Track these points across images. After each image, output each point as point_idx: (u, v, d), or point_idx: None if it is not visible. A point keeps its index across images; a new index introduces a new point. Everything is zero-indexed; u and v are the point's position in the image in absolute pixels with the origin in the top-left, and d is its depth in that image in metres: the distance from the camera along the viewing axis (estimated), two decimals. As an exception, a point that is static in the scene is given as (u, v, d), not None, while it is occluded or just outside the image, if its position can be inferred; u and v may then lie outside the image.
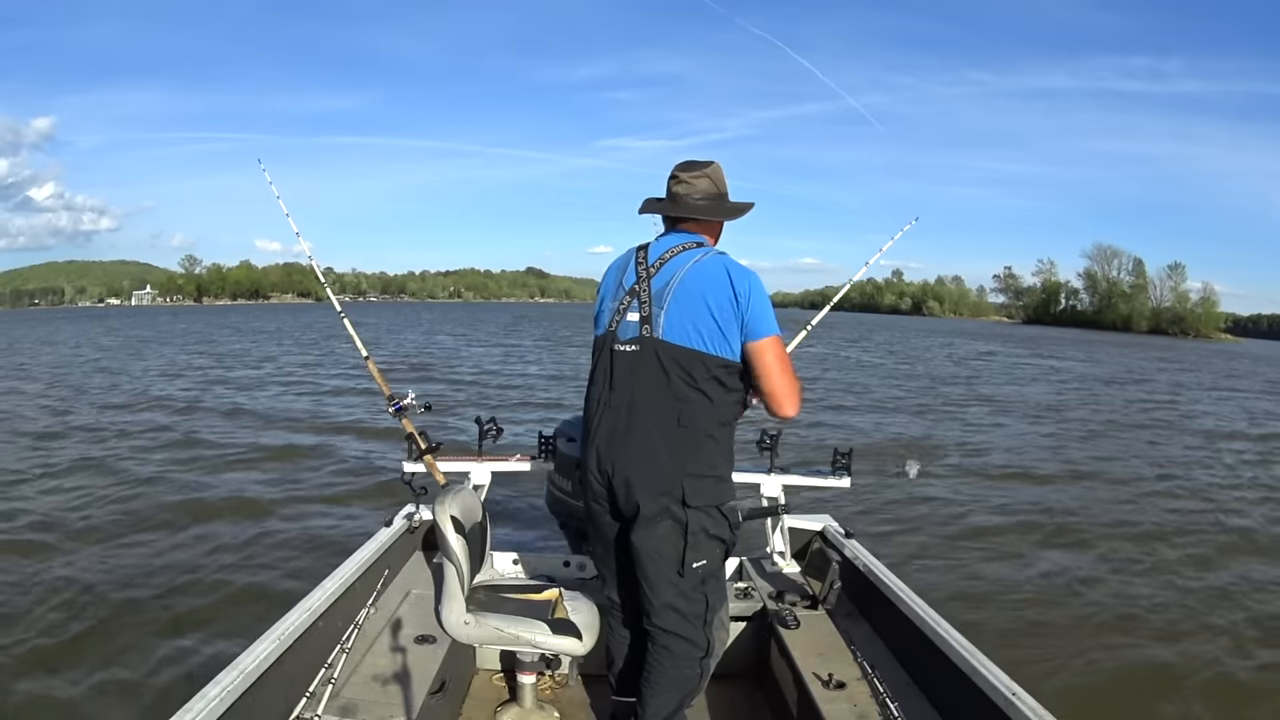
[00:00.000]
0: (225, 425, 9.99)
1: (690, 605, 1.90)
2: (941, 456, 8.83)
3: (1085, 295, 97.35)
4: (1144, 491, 7.74)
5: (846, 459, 2.99)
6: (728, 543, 1.93)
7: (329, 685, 2.05)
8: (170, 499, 6.31)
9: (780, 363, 1.83)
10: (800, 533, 3.14)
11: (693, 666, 1.95)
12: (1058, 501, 7.17)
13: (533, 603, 2.14)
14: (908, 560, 5.10)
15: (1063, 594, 4.85)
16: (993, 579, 5.03)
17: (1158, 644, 4.18)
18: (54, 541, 5.19)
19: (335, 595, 2.35)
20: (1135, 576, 5.21)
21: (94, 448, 8.45)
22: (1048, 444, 10.24)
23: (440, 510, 1.99)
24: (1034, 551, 5.65)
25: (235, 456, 8.06)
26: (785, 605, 2.69)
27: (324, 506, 6.22)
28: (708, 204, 1.94)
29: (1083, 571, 5.26)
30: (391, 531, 2.94)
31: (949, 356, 25.13)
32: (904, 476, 3.04)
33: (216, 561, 4.89)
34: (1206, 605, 4.70)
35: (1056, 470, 8.54)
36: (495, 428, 3.15)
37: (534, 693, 2.33)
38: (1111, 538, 6.05)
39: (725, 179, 1.97)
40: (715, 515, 1.87)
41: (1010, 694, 1.83)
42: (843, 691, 2.18)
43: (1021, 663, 3.48)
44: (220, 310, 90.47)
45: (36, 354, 22.70)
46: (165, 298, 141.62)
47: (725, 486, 1.90)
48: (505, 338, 30.31)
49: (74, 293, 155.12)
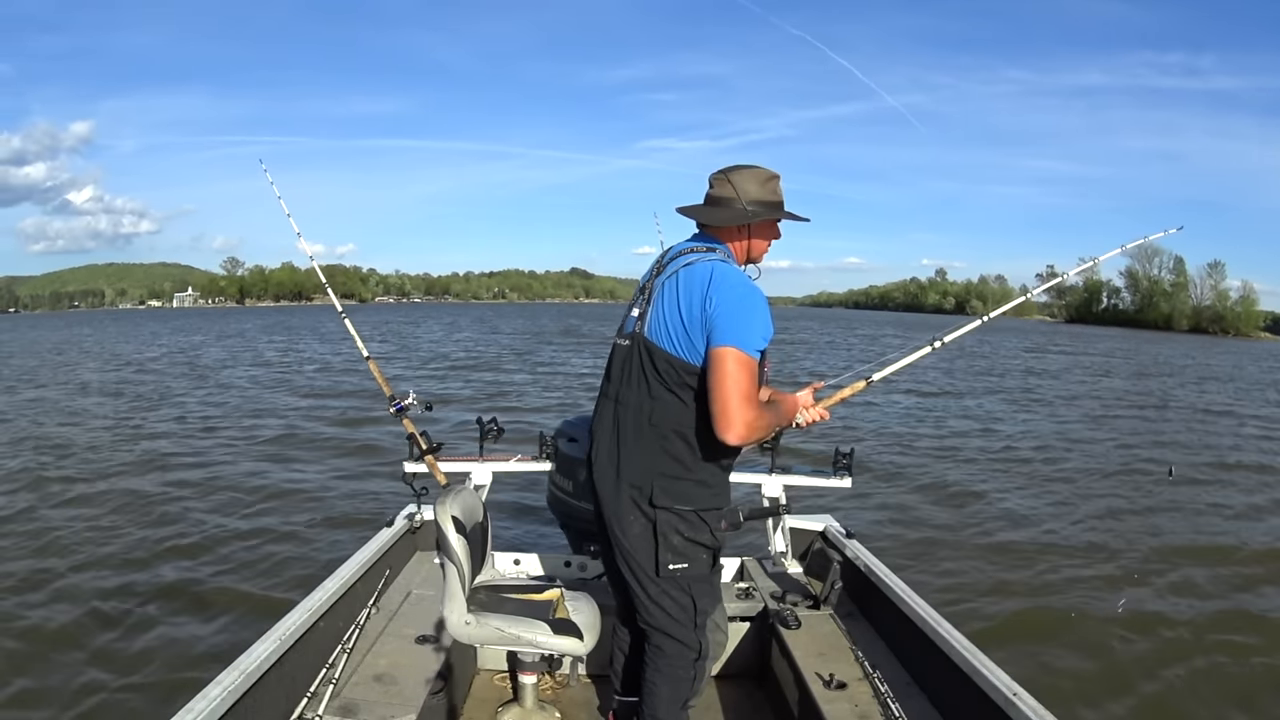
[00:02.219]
0: (243, 420, 10.02)
1: (676, 606, 1.87)
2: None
3: (1127, 294, 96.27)
4: (1163, 489, 7.72)
5: (848, 459, 2.99)
6: (711, 548, 1.86)
7: (330, 685, 2.05)
8: (170, 499, 6.33)
9: (732, 380, 1.65)
10: (801, 533, 3.14)
11: (686, 668, 1.93)
12: (1061, 501, 7.16)
13: (534, 603, 2.14)
14: (909, 561, 5.10)
15: (1065, 594, 4.84)
16: (994, 579, 5.03)
17: (1160, 646, 4.18)
18: (50, 529, 5.21)
19: (336, 595, 2.36)
20: (1138, 577, 5.21)
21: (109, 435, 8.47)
22: (1062, 440, 10.23)
23: (441, 510, 1.99)
24: (1035, 551, 5.64)
25: (238, 452, 8.08)
26: (786, 605, 2.69)
27: (325, 507, 6.22)
28: (707, 209, 1.91)
29: (1085, 571, 5.26)
30: (392, 532, 2.94)
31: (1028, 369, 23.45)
32: (1169, 476, 3.02)
33: (217, 562, 4.89)
34: (1220, 615, 4.68)
35: (1063, 469, 8.53)
36: (496, 428, 3.15)
37: (535, 693, 2.34)
38: (1112, 538, 6.04)
39: (761, 186, 1.86)
40: (691, 519, 1.82)
41: (1011, 694, 1.83)
42: (844, 692, 2.19)
43: (1023, 663, 3.49)
44: (261, 312, 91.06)
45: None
46: (207, 299, 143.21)
47: (704, 491, 1.83)
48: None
49: (114, 295, 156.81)
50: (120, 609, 4.15)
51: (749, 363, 1.68)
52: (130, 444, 8.72)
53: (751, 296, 1.76)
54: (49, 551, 5.02)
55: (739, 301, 1.72)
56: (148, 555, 4.98)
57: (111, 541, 5.24)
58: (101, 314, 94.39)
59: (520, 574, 2.94)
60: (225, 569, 4.77)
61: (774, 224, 1.93)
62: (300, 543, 5.29)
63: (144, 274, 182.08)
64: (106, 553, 5.01)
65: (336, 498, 6.49)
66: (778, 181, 1.90)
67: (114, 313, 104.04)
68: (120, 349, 20.80)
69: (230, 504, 6.22)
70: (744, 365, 1.67)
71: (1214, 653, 4.09)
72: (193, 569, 4.75)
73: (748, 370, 1.67)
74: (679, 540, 1.81)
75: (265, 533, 5.48)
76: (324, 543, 5.25)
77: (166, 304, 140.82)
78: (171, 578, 4.60)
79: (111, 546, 5.14)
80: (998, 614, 4.45)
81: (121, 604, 4.21)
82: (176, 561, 4.88)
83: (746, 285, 1.79)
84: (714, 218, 1.89)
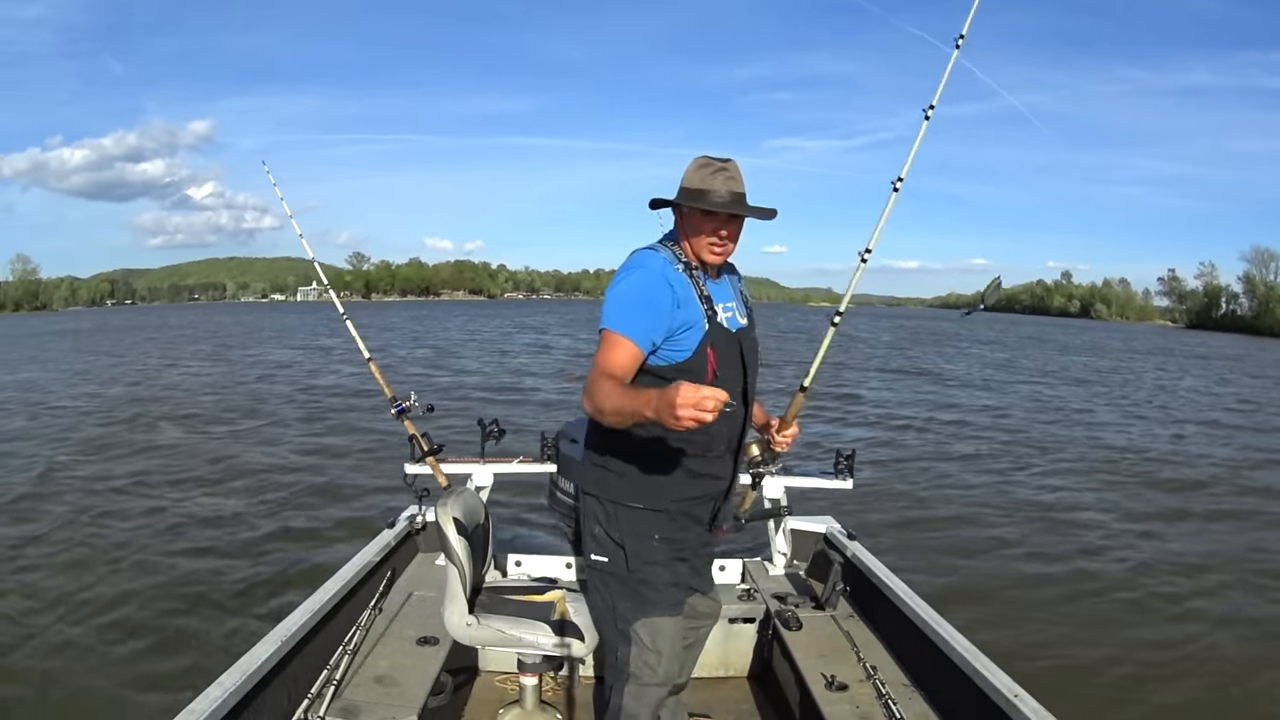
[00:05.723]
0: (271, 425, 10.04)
1: (599, 601, 1.83)
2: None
3: (1244, 299, 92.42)
4: (1167, 485, 7.71)
5: (849, 461, 2.99)
6: (623, 548, 1.77)
7: (331, 686, 2.05)
8: (169, 500, 6.33)
9: (598, 356, 1.66)
10: (803, 535, 3.14)
11: (615, 672, 1.82)
12: (1065, 503, 7.15)
13: (535, 604, 2.15)
14: (911, 562, 5.09)
15: (1068, 595, 4.83)
16: (996, 580, 5.02)
17: (1165, 646, 4.17)
18: (50, 519, 5.22)
19: (338, 597, 2.36)
20: (1144, 579, 5.20)
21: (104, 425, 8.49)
22: (1070, 444, 10.20)
23: (443, 512, 2.00)
24: (1037, 552, 5.63)
25: (246, 449, 8.10)
26: (788, 607, 2.69)
27: (325, 508, 6.22)
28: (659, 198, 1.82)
29: (1088, 572, 5.25)
30: (394, 533, 2.94)
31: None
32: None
33: (216, 562, 4.89)
34: (1220, 617, 4.67)
35: (1072, 469, 8.52)
36: (498, 429, 3.15)
37: (537, 694, 2.33)
38: (1116, 539, 6.03)
39: (693, 173, 1.74)
40: (608, 509, 1.78)
41: (1012, 695, 1.83)
42: (845, 693, 2.19)
43: (1024, 664, 3.48)
44: (392, 306, 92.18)
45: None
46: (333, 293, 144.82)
47: (618, 481, 1.77)
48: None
49: (236, 288, 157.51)
50: (120, 609, 4.16)
51: (614, 340, 1.65)
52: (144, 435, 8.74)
53: (623, 282, 1.71)
54: (49, 552, 5.03)
55: (613, 286, 1.72)
56: (148, 555, 4.99)
57: (109, 540, 5.25)
58: (235, 307, 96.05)
59: (522, 575, 2.95)
60: (225, 569, 4.77)
61: (706, 216, 1.73)
62: (301, 544, 5.30)
63: (266, 268, 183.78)
64: (104, 552, 5.02)
65: (337, 499, 6.49)
66: (711, 170, 1.72)
67: (239, 305, 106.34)
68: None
69: (230, 503, 6.22)
70: (609, 343, 1.66)
71: (1222, 663, 4.08)
72: (191, 570, 4.74)
73: (612, 348, 1.65)
74: (598, 529, 1.80)
75: (266, 532, 5.49)
76: (325, 544, 5.25)
77: (290, 297, 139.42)
78: (171, 577, 4.60)
79: (108, 546, 5.14)
80: (1000, 615, 4.44)
81: (121, 604, 4.21)
82: (176, 561, 4.88)
83: (627, 271, 1.74)
84: (652, 203, 1.82)
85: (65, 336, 32.83)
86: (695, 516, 1.84)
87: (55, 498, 6.40)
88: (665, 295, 1.69)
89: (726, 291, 1.86)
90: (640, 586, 1.77)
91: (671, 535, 1.79)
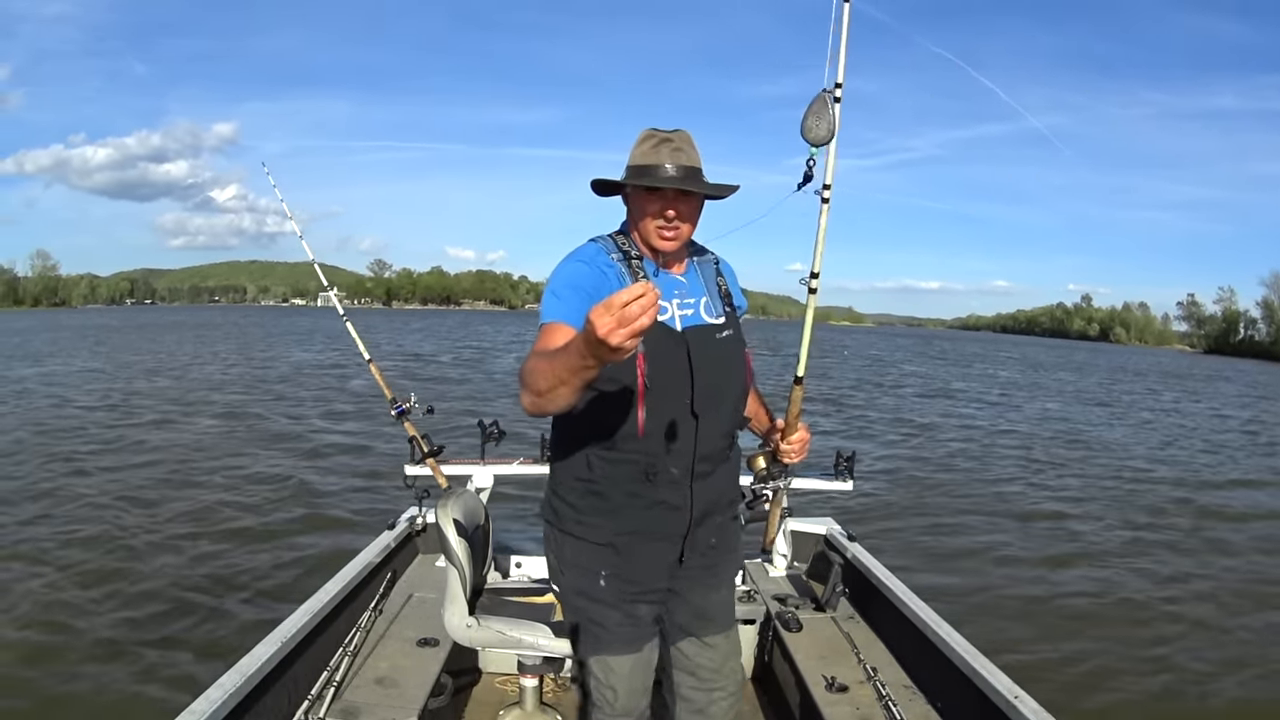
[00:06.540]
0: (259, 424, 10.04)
1: (570, 621, 1.72)
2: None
3: (1263, 325, 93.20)
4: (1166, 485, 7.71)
5: (849, 462, 2.99)
6: (562, 575, 1.65)
7: (331, 687, 2.05)
8: (168, 500, 6.33)
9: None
10: (803, 536, 3.14)
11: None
12: (1065, 503, 7.15)
13: (535, 605, 2.14)
14: (911, 563, 5.09)
15: (1068, 595, 4.83)
16: (996, 581, 5.02)
17: (1165, 649, 4.17)
18: (48, 530, 5.21)
19: (338, 598, 2.36)
20: (1146, 580, 5.20)
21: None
22: (1072, 437, 10.21)
23: (443, 513, 2.00)
24: (1038, 555, 5.63)
25: (247, 450, 8.09)
26: (788, 608, 2.69)
27: (325, 509, 6.22)
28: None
29: (1088, 573, 5.25)
30: (394, 534, 2.94)
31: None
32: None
33: (216, 563, 4.89)
34: (1221, 624, 4.67)
35: (1070, 465, 8.52)
36: (498, 430, 3.15)
37: (537, 696, 2.33)
38: (1118, 540, 6.03)
39: (635, 148, 1.56)
40: (557, 538, 1.64)
41: (1012, 697, 1.83)
42: (845, 694, 2.18)
43: (1024, 665, 3.48)
44: (422, 314, 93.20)
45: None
46: (353, 300, 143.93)
47: (563, 507, 1.61)
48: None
49: (257, 291, 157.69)
50: (119, 608, 4.15)
51: (545, 328, 1.45)
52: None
53: (563, 266, 1.55)
54: (49, 551, 5.02)
55: (555, 274, 1.55)
56: (148, 555, 4.98)
57: (109, 540, 5.25)
58: (255, 310, 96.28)
59: (522, 577, 2.94)
60: (226, 569, 4.76)
61: (651, 195, 1.52)
62: (302, 545, 5.29)
63: (288, 272, 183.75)
64: (103, 552, 5.01)
65: (337, 500, 6.49)
66: (654, 142, 1.53)
67: (257, 309, 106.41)
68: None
69: (229, 502, 6.21)
70: (540, 334, 1.46)
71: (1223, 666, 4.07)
72: (192, 570, 4.74)
73: (543, 335, 1.45)
74: (551, 558, 1.69)
75: (267, 532, 5.48)
76: (325, 545, 5.25)
77: (311, 303, 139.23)
78: (170, 577, 4.59)
79: (108, 545, 5.14)
80: (1000, 616, 4.44)
81: (120, 604, 4.21)
82: (175, 561, 4.87)
83: (562, 262, 1.57)
84: (593, 185, 1.63)
85: (63, 336, 32.88)
86: (654, 553, 1.58)
87: (55, 497, 6.39)
88: (590, 277, 1.51)
89: (693, 285, 1.62)
90: (589, 625, 1.61)
91: (624, 575, 1.57)
